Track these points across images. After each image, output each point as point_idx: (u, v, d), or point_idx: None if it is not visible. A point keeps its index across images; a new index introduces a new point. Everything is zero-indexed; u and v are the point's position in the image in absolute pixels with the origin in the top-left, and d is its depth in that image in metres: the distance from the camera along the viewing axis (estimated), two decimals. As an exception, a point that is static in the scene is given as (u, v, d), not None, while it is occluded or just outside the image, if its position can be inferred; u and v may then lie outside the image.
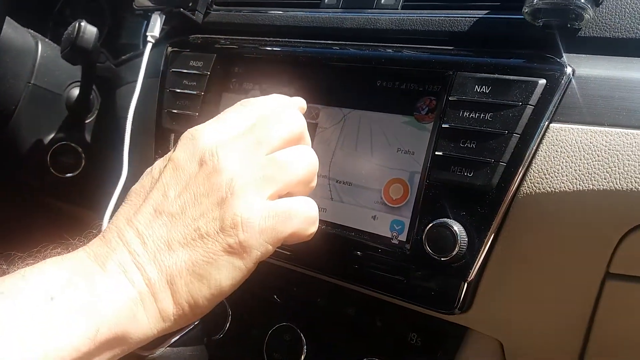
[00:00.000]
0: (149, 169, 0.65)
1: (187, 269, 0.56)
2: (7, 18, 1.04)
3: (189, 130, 0.64)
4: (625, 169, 0.59)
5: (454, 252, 0.63)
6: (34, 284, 0.52)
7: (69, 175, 1.18)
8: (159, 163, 0.64)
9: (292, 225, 0.60)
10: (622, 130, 0.60)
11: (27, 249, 0.64)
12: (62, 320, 0.51)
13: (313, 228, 0.63)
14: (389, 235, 0.71)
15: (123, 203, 0.62)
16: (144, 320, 0.56)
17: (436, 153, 0.67)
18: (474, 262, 0.64)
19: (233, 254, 0.57)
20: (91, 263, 0.55)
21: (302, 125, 0.65)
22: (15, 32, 1.08)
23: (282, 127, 0.62)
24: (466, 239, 0.64)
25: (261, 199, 0.59)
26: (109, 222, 0.61)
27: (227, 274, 0.58)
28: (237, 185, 0.58)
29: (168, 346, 0.74)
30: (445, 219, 0.65)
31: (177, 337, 0.75)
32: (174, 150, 0.63)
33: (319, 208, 0.67)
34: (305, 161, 0.63)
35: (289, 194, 0.62)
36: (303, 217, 0.62)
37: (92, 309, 0.52)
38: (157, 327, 0.57)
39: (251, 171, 0.59)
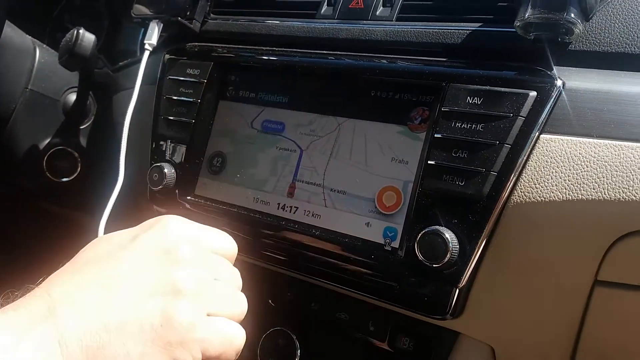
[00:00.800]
0: (108, 237, 0.63)
1: (115, 357, 0.53)
2: (7, 22, 1.05)
3: (164, 217, 0.64)
4: (613, 179, 0.61)
5: (446, 259, 0.65)
6: None
7: (64, 179, 1.18)
8: (122, 235, 0.63)
9: (222, 346, 0.59)
10: (610, 141, 0.62)
11: (22, 252, 0.64)
12: None
13: (235, 357, 0.62)
14: (382, 242, 0.72)
15: (65, 268, 0.59)
16: None
17: (429, 162, 0.69)
18: (466, 269, 0.66)
19: (167, 353, 0.55)
20: (8, 337, 0.50)
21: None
22: (15, 34, 1.09)
23: (232, 279, 0.64)
24: (457, 246, 0.65)
25: (205, 311, 0.59)
26: (42, 284, 0.57)
27: None
28: (193, 285, 0.58)
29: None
30: (437, 227, 0.66)
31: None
32: (143, 232, 0.62)
33: (313, 215, 0.68)
34: (243, 305, 0.63)
35: None
36: (235, 344, 0.61)
37: None
38: None
39: (205, 283, 0.60)
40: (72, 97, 1.17)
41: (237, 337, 0.61)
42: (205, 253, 0.63)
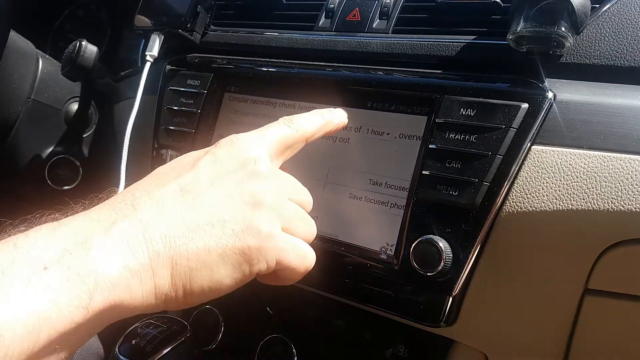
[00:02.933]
0: (181, 157, 0.65)
1: (197, 254, 0.55)
2: (12, 31, 1.07)
3: (230, 136, 0.65)
4: (603, 189, 0.62)
5: (439, 268, 0.66)
6: (26, 253, 0.48)
7: (66, 187, 1.20)
8: (194, 153, 0.64)
9: (295, 260, 0.62)
10: (599, 153, 0.63)
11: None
12: (55, 290, 0.47)
13: (302, 275, 0.65)
14: (378, 250, 0.73)
15: (144, 178, 0.61)
16: (138, 294, 0.53)
17: (423, 172, 0.70)
18: (459, 277, 0.67)
19: (245, 257, 0.57)
20: (92, 228, 0.52)
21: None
22: (19, 45, 1.10)
23: (306, 201, 0.66)
24: (451, 255, 0.66)
25: (281, 225, 0.61)
26: (123, 190, 0.59)
27: (231, 272, 0.57)
28: (271, 199, 0.60)
29: (160, 357, 0.75)
30: (431, 236, 0.68)
31: (169, 348, 0.76)
32: (213, 147, 0.63)
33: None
34: (313, 227, 0.66)
35: None
36: (307, 261, 0.64)
37: (86, 277, 0.49)
38: (148, 302, 0.54)
39: (283, 199, 0.62)
40: (74, 106, 1.18)
41: (309, 255, 0.64)
42: (278, 172, 0.65)
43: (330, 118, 0.71)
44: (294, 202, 0.64)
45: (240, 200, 0.59)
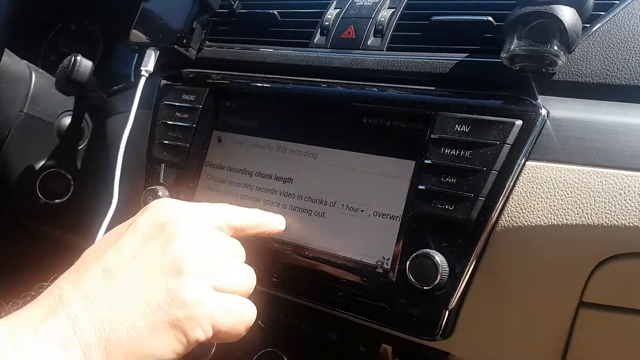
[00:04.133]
0: (107, 233, 0.65)
1: (129, 337, 0.54)
2: (6, 51, 1.07)
3: (155, 200, 0.66)
4: (596, 205, 0.63)
5: (436, 282, 0.67)
6: None
7: (57, 201, 1.19)
8: (119, 227, 0.65)
9: (232, 320, 0.61)
10: (592, 169, 0.64)
11: (14, 274, 0.65)
12: None
13: (245, 332, 0.64)
14: (374, 264, 0.74)
15: (74, 265, 0.61)
16: None
17: (419, 187, 0.71)
18: (455, 291, 0.68)
19: (177, 329, 0.56)
20: (24, 327, 0.52)
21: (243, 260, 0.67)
22: (12, 61, 1.10)
23: (236, 252, 0.66)
24: (447, 269, 0.67)
25: (211, 285, 0.60)
26: (53, 282, 0.58)
27: (169, 347, 0.56)
28: (194, 262, 0.59)
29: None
30: (428, 250, 0.68)
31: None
32: (138, 215, 0.64)
33: (307, 234, 0.70)
34: (250, 279, 0.66)
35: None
36: (246, 318, 0.63)
37: None
38: None
39: (206, 256, 0.61)
40: (67, 120, 1.18)
41: (247, 312, 0.63)
42: (202, 227, 0.63)
43: (267, 221, 0.74)
44: (223, 256, 0.63)
45: (162, 270, 0.58)
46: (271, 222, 0.75)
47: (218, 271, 0.61)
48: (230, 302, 0.61)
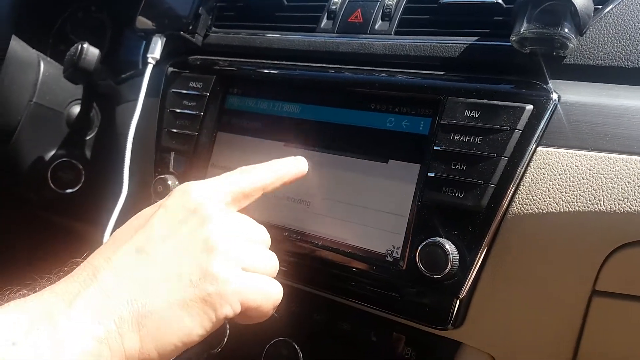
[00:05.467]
0: (136, 215, 0.66)
1: (160, 311, 0.56)
2: (13, 35, 1.07)
3: (182, 184, 0.67)
4: (608, 191, 0.62)
5: (446, 270, 0.66)
6: None
7: (69, 190, 1.20)
8: (147, 209, 0.66)
9: (260, 299, 0.63)
10: (604, 154, 0.63)
11: (27, 264, 0.66)
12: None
13: (272, 311, 0.66)
14: (384, 253, 0.73)
15: (105, 243, 0.63)
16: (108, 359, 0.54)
17: (429, 174, 0.70)
18: (466, 280, 0.67)
19: (207, 304, 0.58)
20: (57, 302, 0.54)
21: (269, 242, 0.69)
22: (20, 47, 1.10)
23: (262, 238, 0.68)
24: (458, 258, 0.67)
25: (241, 265, 0.62)
26: (85, 259, 0.60)
27: (198, 322, 0.58)
28: (224, 242, 0.61)
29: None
30: (438, 238, 0.68)
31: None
32: (165, 199, 0.65)
33: (317, 224, 0.70)
34: (275, 263, 0.67)
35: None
36: (273, 297, 0.65)
37: (55, 352, 0.51)
38: None
39: (236, 238, 0.63)
40: (76, 109, 1.18)
41: (274, 291, 0.66)
42: (230, 213, 0.66)
43: (288, 170, 0.74)
44: (251, 242, 0.65)
45: (193, 249, 0.60)
46: (294, 166, 0.75)
47: (246, 252, 0.63)
48: (258, 280, 0.63)
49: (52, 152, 1.18)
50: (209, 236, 0.61)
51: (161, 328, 0.56)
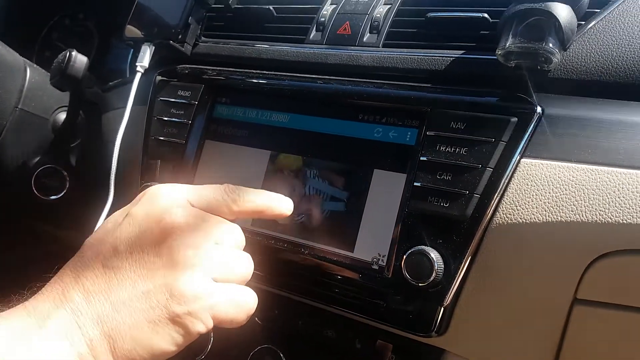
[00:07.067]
0: (106, 221, 0.64)
1: (130, 332, 0.55)
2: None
3: (152, 186, 0.65)
4: (590, 202, 0.64)
5: (431, 278, 0.67)
6: None
7: (53, 197, 1.19)
8: (116, 215, 0.64)
9: (233, 310, 0.61)
10: (587, 166, 0.65)
11: (9, 270, 0.65)
12: None
13: (247, 320, 0.64)
14: (370, 261, 0.74)
15: (76, 254, 0.61)
16: None
17: (415, 184, 0.71)
18: (450, 288, 0.68)
19: (177, 324, 0.57)
20: (31, 322, 0.54)
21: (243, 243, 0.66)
22: (6, 51, 1.10)
23: (234, 239, 0.64)
24: (442, 266, 0.67)
25: (210, 276, 0.59)
26: (56, 275, 0.59)
27: (169, 340, 0.57)
28: (190, 256, 0.58)
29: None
30: (423, 247, 0.69)
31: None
32: (133, 204, 0.63)
33: (303, 231, 0.70)
34: (248, 265, 0.65)
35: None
36: (247, 306, 0.63)
37: None
38: None
39: (203, 247, 0.60)
40: (62, 116, 1.17)
41: (248, 300, 0.63)
42: (199, 214, 0.62)
43: (272, 205, 0.69)
44: (221, 245, 0.62)
45: (159, 264, 0.58)
46: (278, 205, 0.70)
47: (216, 262, 0.60)
48: (230, 291, 0.61)
49: (37, 159, 1.17)
50: (173, 248, 0.58)
51: (133, 350, 0.55)
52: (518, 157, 0.67)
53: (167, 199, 0.62)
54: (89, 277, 0.57)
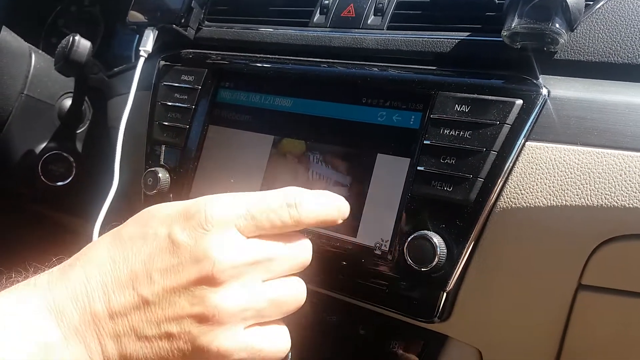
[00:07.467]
0: (149, 216, 0.57)
1: None
2: (4, 27, 1.06)
3: (206, 209, 0.54)
4: (596, 186, 0.62)
5: (434, 263, 0.66)
6: None
7: (59, 183, 1.19)
8: (161, 227, 0.55)
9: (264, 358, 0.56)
10: (593, 149, 0.63)
11: (16, 257, 0.65)
12: None
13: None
14: (372, 246, 0.73)
15: (102, 244, 0.56)
16: None
17: (418, 168, 0.70)
18: (453, 273, 0.67)
19: None
20: (53, 326, 0.51)
21: (308, 260, 0.61)
22: (12, 37, 1.10)
23: (293, 261, 0.58)
24: (445, 251, 0.67)
25: (241, 329, 0.54)
26: (83, 264, 0.54)
27: None
28: (226, 311, 0.52)
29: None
30: (426, 231, 0.68)
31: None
32: (181, 227, 0.54)
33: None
34: (296, 300, 0.59)
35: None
36: (273, 357, 0.57)
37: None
38: None
39: (245, 300, 0.53)
40: (68, 102, 1.18)
41: (281, 345, 0.58)
42: (249, 249, 0.55)
43: (338, 214, 0.61)
44: (275, 279, 0.57)
45: (189, 310, 0.52)
46: (344, 209, 0.62)
47: (260, 307, 0.55)
48: (262, 347, 0.56)
49: (43, 145, 1.18)
50: (210, 300, 0.52)
51: None
52: (523, 140, 0.66)
53: (216, 232, 0.54)
54: (117, 294, 0.52)
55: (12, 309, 0.51)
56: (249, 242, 0.55)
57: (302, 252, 0.59)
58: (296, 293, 0.59)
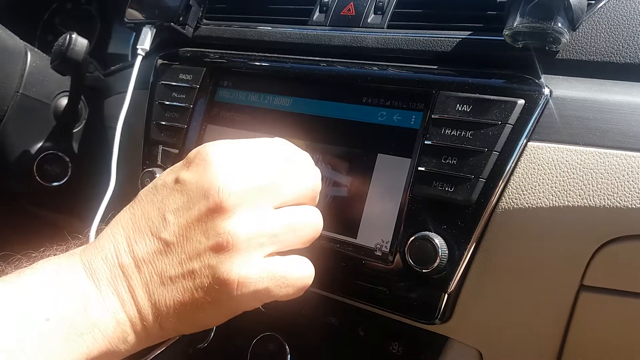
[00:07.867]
0: (158, 177, 0.62)
1: (175, 307, 0.55)
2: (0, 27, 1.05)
3: (205, 149, 0.59)
4: (599, 186, 0.62)
5: (435, 264, 0.66)
6: (30, 301, 0.51)
7: (55, 184, 1.18)
8: (166, 176, 0.60)
9: (285, 291, 0.58)
10: (595, 149, 0.63)
11: (12, 257, 0.65)
12: (55, 343, 0.51)
13: (301, 292, 0.61)
14: (373, 247, 0.73)
15: (127, 207, 0.60)
16: (133, 341, 0.56)
17: (419, 168, 0.70)
18: (454, 274, 0.67)
19: (220, 305, 0.56)
20: (88, 282, 0.54)
21: (318, 187, 0.63)
22: (7, 35, 1.09)
23: (300, 185, 0.60)
24: (447, 252, 0.66)
25: (260, 256, 0.56)
26: (109, 226, 0.59)
27: (212, 317, 0.57)
28: (240, 237, 0.54)
29: (153, 356, 0.74)
30: (427, 232, 0.67)
31: (163, 348, 0.76)
32: (186, 168, 0.58)
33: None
34: (312, 226, 0.61)
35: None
36: (299, 285, 0.60)
37: (86, 334, 0.53)
38: (145, 344, 0.58)
39: (257, 224, 0.56)
40: (64, 101, 1.17)
41: (303, 275, 0.60)
42: (254, 177, 0.57)
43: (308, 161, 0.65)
44: (287, 205, 0.59)
45: (205, 243, 0.55)
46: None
47: (275, 232, 0.57)
48: (283, 272, 0.58)
49: (39, 145, 1.16)
50: (224, 229, 0.55)
51: (178, 322, 0.56)
52: (525, 141, 0.66)
53: (219, 169, 0.57)
54: (139, 242, 0.56)
55: (51, 273, 0.55)
56: (253, 168, 0.58)
57: (309, 176, 0.62)
58: (311, 218, 0.61)
